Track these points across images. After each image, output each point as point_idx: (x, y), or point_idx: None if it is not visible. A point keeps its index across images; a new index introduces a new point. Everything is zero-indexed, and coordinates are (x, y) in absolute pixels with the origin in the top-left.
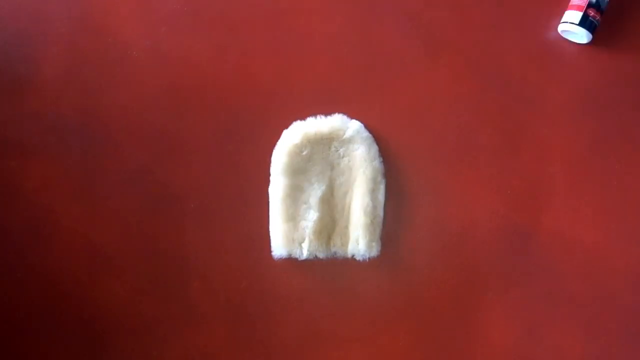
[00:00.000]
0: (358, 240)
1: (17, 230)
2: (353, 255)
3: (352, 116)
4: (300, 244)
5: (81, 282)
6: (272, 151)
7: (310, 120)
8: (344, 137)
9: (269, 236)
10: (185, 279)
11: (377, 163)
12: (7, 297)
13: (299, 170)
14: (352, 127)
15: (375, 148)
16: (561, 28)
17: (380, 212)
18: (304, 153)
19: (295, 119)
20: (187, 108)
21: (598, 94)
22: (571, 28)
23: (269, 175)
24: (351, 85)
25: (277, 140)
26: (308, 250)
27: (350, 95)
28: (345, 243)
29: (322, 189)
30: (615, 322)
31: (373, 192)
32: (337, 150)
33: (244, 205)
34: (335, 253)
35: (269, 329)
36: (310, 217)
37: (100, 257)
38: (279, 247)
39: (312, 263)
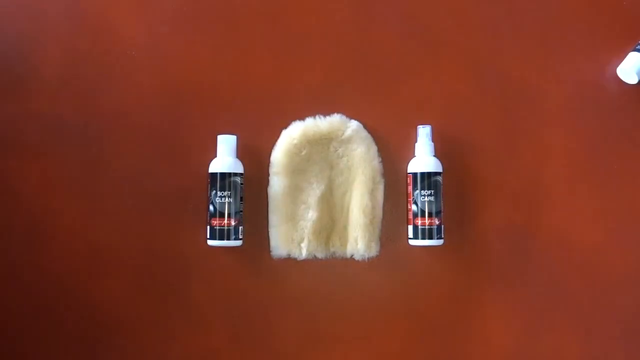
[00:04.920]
0: (357, 240)
1: (16, 230)
2: (352, 255)
3: (351, 116)
4: (299, 244)
5: (81, 282)
6: (270, 151)
7: (309, 120)
8: (343, 137)
9: (268, 236)
10: (185, 279)
11: (376, 163)
12: (6, 297)
13: (298, 170)
14: (351, 127)
15: (374, 148)
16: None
17: (379, 212)
18: (303, 153)
19: (294, 119)
20: (186, 108)
21: (598, 93)
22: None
23: (268, 175)
24: (350, 85)
25: (275, 140)
26: (307, 250)
27: (349, 95)
28: (344, 243)
29: (321, 189)
30: (615, 322)
31: (372, 192)
32: (336, 150)
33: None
34: (334, 253)
35: (268, 329)
36: (309, 217)
37: (100, 257)
38: (278, 247)
39: (311, 263)
